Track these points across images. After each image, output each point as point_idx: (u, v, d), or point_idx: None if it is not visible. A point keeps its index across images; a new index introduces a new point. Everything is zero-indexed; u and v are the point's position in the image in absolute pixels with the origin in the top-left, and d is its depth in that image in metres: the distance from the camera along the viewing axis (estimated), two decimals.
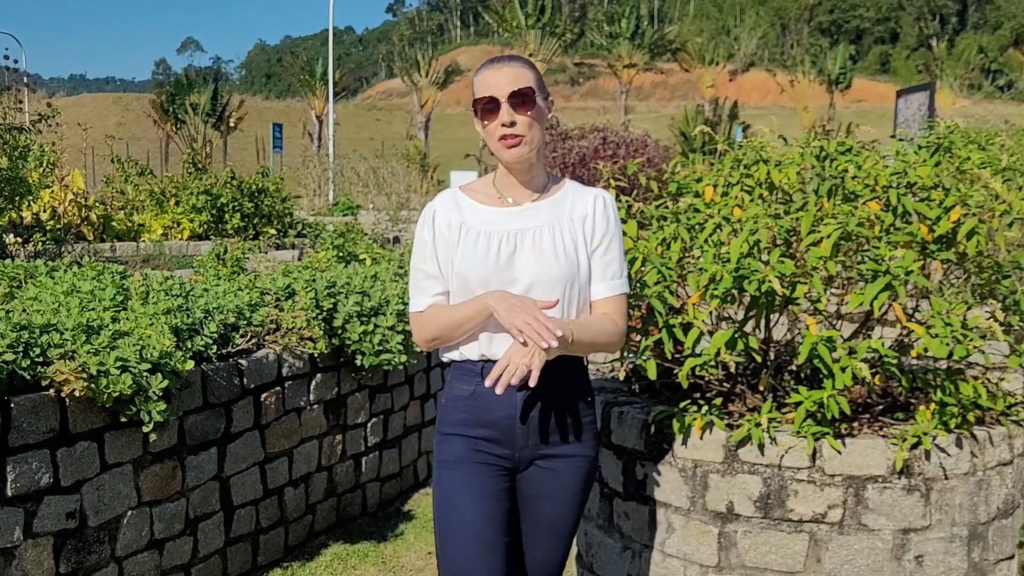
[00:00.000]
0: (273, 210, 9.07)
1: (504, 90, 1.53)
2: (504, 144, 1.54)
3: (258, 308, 2.93)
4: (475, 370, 1.57)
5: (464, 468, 1.57)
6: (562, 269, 1.55)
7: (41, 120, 7.20)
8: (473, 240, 1.57)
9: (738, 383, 2.10)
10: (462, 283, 1.57)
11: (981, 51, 45.34)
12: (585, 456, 1.62)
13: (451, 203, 1.62)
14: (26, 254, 6.73)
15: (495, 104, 1.53)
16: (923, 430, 1.83)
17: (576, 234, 1.59)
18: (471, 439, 1.57)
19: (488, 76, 1.56)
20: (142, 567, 2.41)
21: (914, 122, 9.01)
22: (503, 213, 1.60)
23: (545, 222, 1.59)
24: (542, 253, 1.56)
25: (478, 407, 1.57)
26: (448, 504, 1.57)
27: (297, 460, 3.00)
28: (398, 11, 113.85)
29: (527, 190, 1.62)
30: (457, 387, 1.60)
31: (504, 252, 1.55)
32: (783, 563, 1.87)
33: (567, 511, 1.63)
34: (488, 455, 1.57)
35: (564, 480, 1.60)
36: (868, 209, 1.88)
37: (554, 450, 1.59)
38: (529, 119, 1.54)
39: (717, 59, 33.24)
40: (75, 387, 2.10)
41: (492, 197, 1.62)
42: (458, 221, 1.59)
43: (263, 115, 36.39)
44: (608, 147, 9.05)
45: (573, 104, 51.41)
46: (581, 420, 1.61)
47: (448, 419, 1.61)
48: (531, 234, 1.57)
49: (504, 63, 1.57)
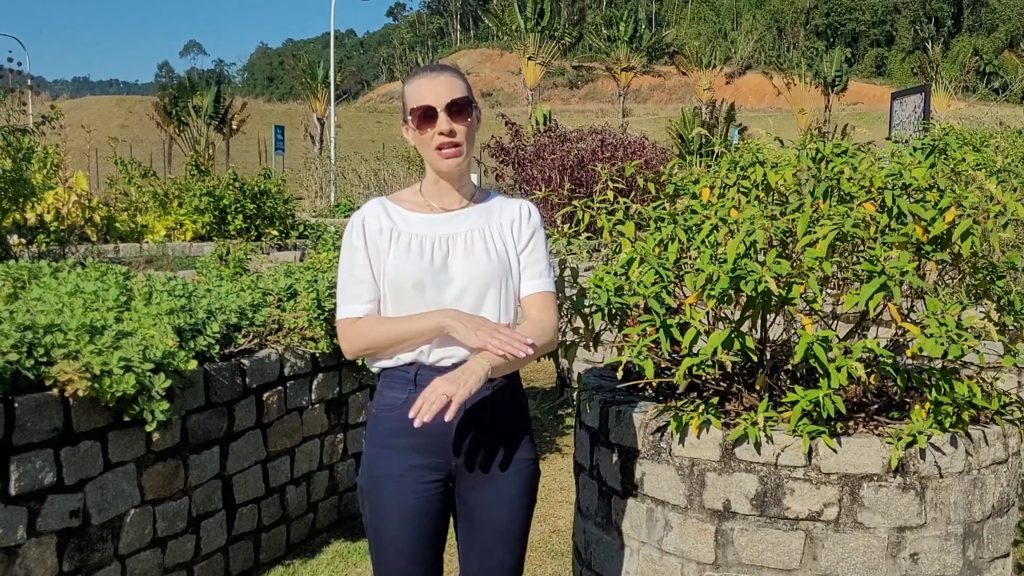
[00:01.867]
0: (275, 211, 9.09)
1: (442, 100, 1.54)
2: (441, 154, 1.56)
3: (260, 308, 2.95)
4: (408, 377, 1.56)
5: (395, 486, 1.56)
6: (494, 268, 1.57)
7: (45, 122, 7.23)
8: (405, 244, 1.57)
9: (735, 382, 2.12)
10: (395, 287, 1.56)
11: (976, 53, 45.41)
12: (525, 459, 1.63)
13: (380, 210, 1.62)
14: (30, 255, 6.75)
15: (432, 113, 1.54)
16: (918, 429, 1.85)
17: (505, 236, 1.62)
18: (400, 452, 1.56)
19: (423, 85, 1.56)
20: (145, 565, 2.43)
21: (909, 124, 9.03)
22: (433, 219, 1.61)
23: (475, 226, 1.61)
24: (475, 254, 1.58)
25: None
26: (378, 518, 1.57)
27: (299, 459, 3.02)
28: (399, 15, 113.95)
29: (456, 198, 1.63)
30: (388, 396, 1.58)
31: (438, 255, 1.57)
32: (779, 561, 1.88)
33: (514, 517, 1.62)
34: (422, 469, 1.56)
35: (506, 485, 1.60)
36: (864, 210, 1.90)
37: (492, 458, 1.59)
38: (466, 128, 1.56)
39: (714, 62, 33.29)
40: (78, 387, 2.11)
41: (420, 205, 1.63)
42: (388, 226, 1.59)
43: (265, 117, 36.42)
44: (606, 149, 9.07)
45: (571, 107, 51.45)
46: (517, 425, 1.62)
47: (379, 429, 1.59)
48: (463, 237, 1.59)
49: (438, 72, 1.58)
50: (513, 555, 1.64)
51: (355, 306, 1.58)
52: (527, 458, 1.64)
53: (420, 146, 1.59)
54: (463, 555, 1.67)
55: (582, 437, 2.26)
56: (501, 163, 9.78)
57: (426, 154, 1.59)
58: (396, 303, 1.57)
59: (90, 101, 48.17)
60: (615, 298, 2.01)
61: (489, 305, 1.57)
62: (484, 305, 1.57)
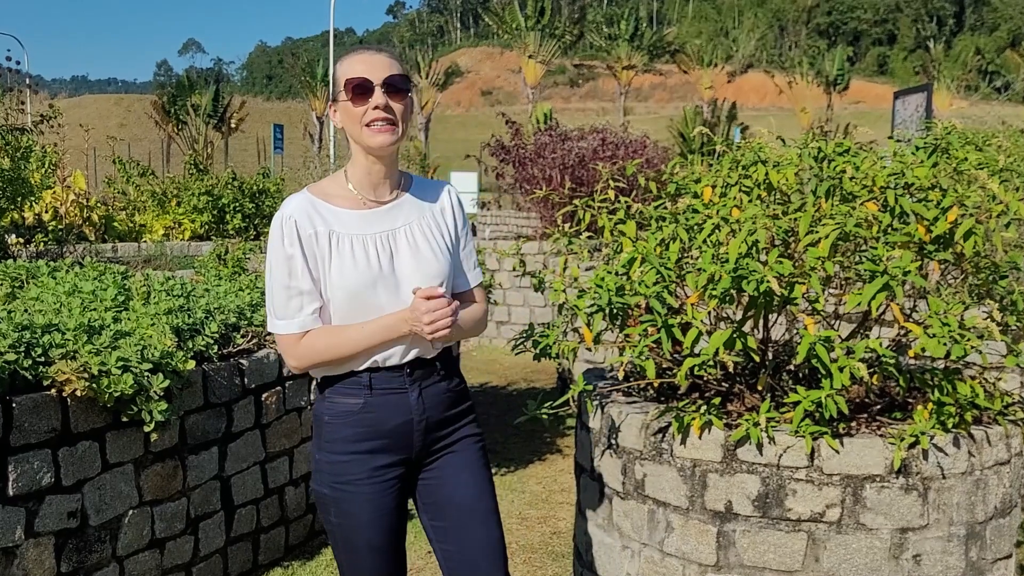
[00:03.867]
0: (274, 211, 9.09)
1: (379, 75, 1.47)
2: (374, 129, 1.48)
3: (259, 308, 2.94)
4: (362, 382, 1.53)
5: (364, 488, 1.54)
6: (440, 264, 1.56)
7: (43, 121, 7.22)
8: (348, 249, 1.50)
9: (736, 383, 2.11)
10: (345, 295, 1.49)
11: (978, 52, 45.35)
12: (474, 435, 1.65)
13: (310, 209, 1.51)
14: (28, 254, 6.75)
15: (367, 87, 1.47)
16: (921, 429, 1.84)
17: (442, 227, 1.61)
18: (366, 455, 1.54)
19: (359, 60, 1.50)
20: (143, 566, 2.42)
21: (912, 123, 9.02)
22: (369, 215, 1.54)
23: (412, 219, 1.57)
24: (419, 251, 1.55)
25: (371, 419, 1.53)
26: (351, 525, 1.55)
27: (298, 459, 3.01)
28: (398, 13, 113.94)
29: (386, 186, 1.57)
30: (342, 402, 1.54)
31: (383, 257, 1.52)
32: (781, 562, 1.87)
33: (479, 489, 1.61)
34: (385, 468, 1.55)
35: (464, 459, 1.61)
36: (866, 210, 1.89)
37: (448, 439, 1.61)
38: (402, 107, 1.50)
39: (716, 61, 33.27)
40: (76, 387, 2.10)
41: (350, 199, 1.55)
42: (324, 229, 1.50)
43: (264, 116, 36.43)
44: (607, 148, 9.06)
45: (572, 105, 51.45)
46: (465, 406, 1.65)
47: (337, 437, 1.54)
48: (403, 233, 1.55)
49: (376, 52, 1.52)
50: (490, 532, 1.61)
51: (298, 319, 1.50)
52: (476, 433, 1.66)
53: (349, 124, 1.51)
54: (439, 545, 1.63)
55: (583, 438, 2.25)
56: (501, 162, 9.77)
57: (355, 132, 1.50)
58: (346, 310, 1.51)
59: (88, 100, 48.18)
60: (616, 298, 2.00)
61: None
62: None
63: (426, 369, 1.58)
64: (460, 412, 1.64)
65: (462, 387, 1.66)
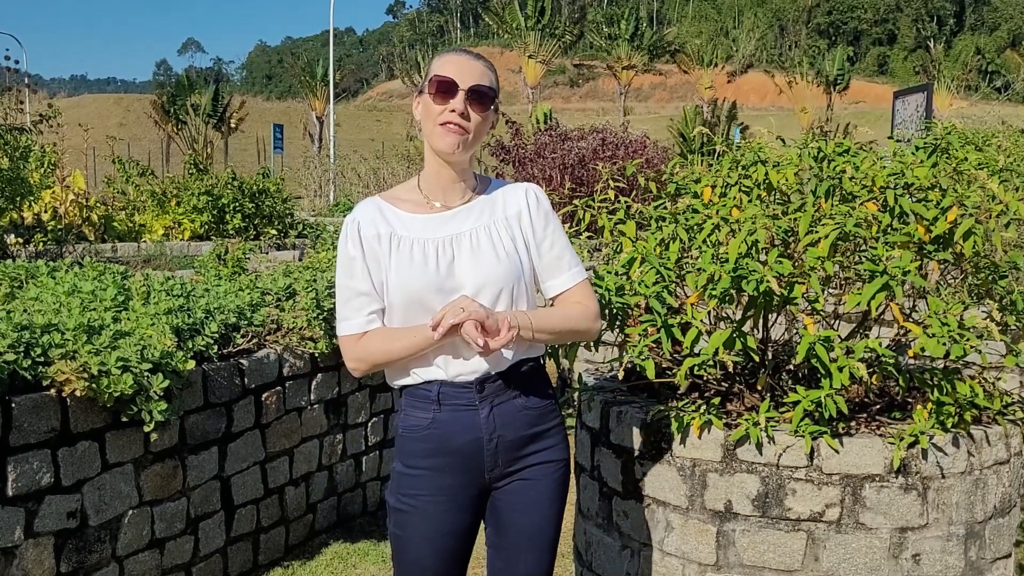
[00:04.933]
0: (274, 211, 9.08)
1: (467, 80, 1.45)
2: (445, 129, 1.45)
3: (259, 308, 2.94)
4: (431, 396, 1.49)
5: (426, 506, 1.49)
6: (504, 268, 1.48)
7: (42, 121, 7.22)
8: (407, 251, 1.47)
9: (736, 383, 2.11)
10: (403, 298, 1.47)
11: (978, 52, 45.38)
12: (558, 461, 1.55)
13: (375, 213, 1.51)
14: (27, 254, 6.75)
15: (453, 89, 1.45)
16: (920, 429, 1.84)
17: (514, 232, 1.52)
18: (434, 473, 1.49)
19: (453, 61, 1.48)
20: (143, 566, 2.42)
21: (912, 123, 9.01)
22: (434, 219, 1.51)
23: (480, 223, 1.51)
24: (482, 255, 1.48)
25: (438, 436, 1.49)
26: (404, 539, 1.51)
27: (298, 459, 3.01)
28: (398, 12, 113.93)
29: (456, 192, 1.53)
30: (413, 415, 1.51)
31: (443, 261, 1.47)
32: (781, 562, 1.87)
33: (545, 522, 1.55)
34: (454, 488, 1.49)
35: (539, 489, 1.54)
36: (866, 210, 1.89)
37: (526, 461, 1.52)
38: (480, 119, 1.47)
39: (716, 60, 33.24)
40: (76, 387, 2.10)
41: (418, 203, 1.53)
42: (387, 232, 1.49)
43: (264, 116, 36.41)
44: (607, 148, 9.06)
45: (572, 105, 51.42)
46: (548, 426, 1.55)
47: (407, 451, 1.51)
48: (467, 237, 1.49)
49: (473, 57, 1.50)
50: (539, 566, 1.56)
51: (356, 320, 1.49)
52: (559, 459, 1.56)
53: (426, 120, 1.48)
54: (489, 560, 1.60)
55: (583, 438, 2.25)
56: (501, 162, 9.77)
57: (428, 129, 1.48)
58: (404, 314, 1.48)
59: (88, 99, 48.15)
60: (616, 298, 2.00)
61: (502, 308, 1.48)
62: (497, 309, 1.47)
63: (499, 385, 1.50)
64: (540, 432, 1.53)
65: (545, 405, 1.54)
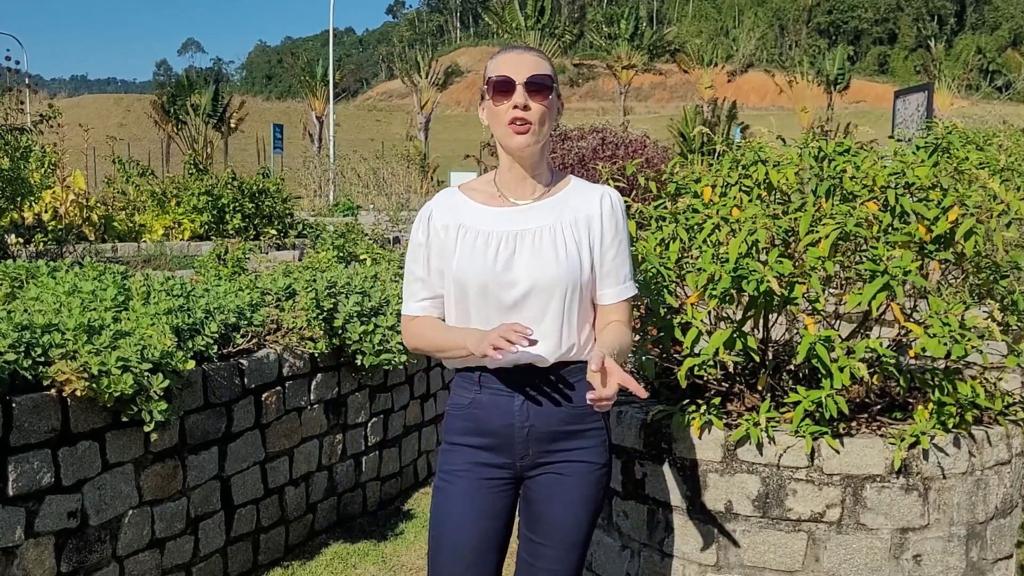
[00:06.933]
0: (274, 211, 9.08)
1: (522, 74, 1.47)
2: (513, 128, 1.47)
3: (259, 308, 2.94)
4: (473, 379, 1.54)
5: (463, 482, 1.53)
6: (562, 271, 1.48)
7: (42, 121, 7.22)
8: (471, 242, 1.51)
9: (736, 383, 2.11)
10: (459, 287, 1.51)
11: (979, 52, 45.38)
12: (592, 463, 1.54)
13: (449, 203, 1.56)
14: (28, 254, 6.75)
15: (510, 86, 1.46)
16: (921, 430, 1.84)
17: (580, 235, 1.52)
18: (472, 449, 1.54)
19: (507, 59, 1.50)
20: (143, 566, 2.42)
21: (912, 122, 9.01)
22: (504, 213, 1.53)
23: (547, 223, 1.52)
24: (541, 255, 1.49)
25: (477, 416, 1.54)
26: (442, 516, 1.55)
27: (298, 459, 3.00)
28: (398, 12, 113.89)
29: (530, 187, 1.55)
30: (459, 394, 1.58)
31: (502, 255, 1.49)
32: (781, 562, 1.87)
33: (574, 521, 1.54)
34: (489, 467, 1.54)
35: (570, 486, 1.53)
36: (866, 209, 1.89)
37: (558, 456, 1.53)
38: (543, 109, 1.48)
39: (716, 60, 33.25)
40: (76, 387, 2.10)
41: (492, 196, 1.56)
42: (455, 223, 1.53)
43: (264, 116, 36.42)
44: (607, 148, 9.06)
45: (572, 105, 51.41)
46: (586, 427, 1.55)
47: (451, 427, 1.58)
48: (531, 235, 1.51)
49: (525, 50, 1.52)
50: (567, 563, 1.54)
51: (412, 304, 1.59)
52: (594, 462, 1.55)
53: (493, 123, 1.51)
54: (519, 551, 1.60)
55: None
56: None
57: (498, 132, 1.51)
58: (458, 303, 1.53)
59: (88, 100, 48.17)
60: None
61: (553, 311, 1.49)
62: (548, 311, 1.49)
63: (534, 378, 1.51)
64: (576, 432, 1.54)
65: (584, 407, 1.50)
